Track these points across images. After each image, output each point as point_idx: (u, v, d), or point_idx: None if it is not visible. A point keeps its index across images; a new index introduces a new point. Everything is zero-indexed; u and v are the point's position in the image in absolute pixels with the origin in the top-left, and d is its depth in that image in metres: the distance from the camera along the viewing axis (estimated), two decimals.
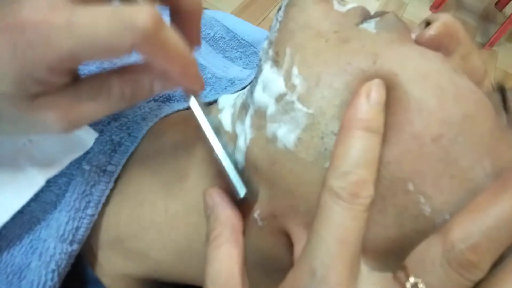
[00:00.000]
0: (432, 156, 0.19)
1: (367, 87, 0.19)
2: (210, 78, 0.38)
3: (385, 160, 0.19)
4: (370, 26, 0.23)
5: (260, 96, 0.22)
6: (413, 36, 0.23)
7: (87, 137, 0.26)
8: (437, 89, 0.19)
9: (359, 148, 0.18)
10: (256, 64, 0.42)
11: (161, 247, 0.26)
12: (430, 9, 2.10)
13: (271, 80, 0.22)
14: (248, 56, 0.43)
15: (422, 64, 0.20)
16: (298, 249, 0.21)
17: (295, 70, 0.21)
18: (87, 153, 0.26)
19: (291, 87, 0.21)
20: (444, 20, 0.23)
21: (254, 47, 0.43)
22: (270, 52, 0.23)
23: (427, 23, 0.23)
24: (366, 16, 0.24)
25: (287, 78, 0.21)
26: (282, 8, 0.24)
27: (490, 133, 0.19)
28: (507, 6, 2.23)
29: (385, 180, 0.19)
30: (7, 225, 0.24)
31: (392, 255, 0.20)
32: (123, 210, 0.26)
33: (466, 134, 0.19)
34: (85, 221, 0.25)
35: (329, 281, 0.17)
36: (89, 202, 0.25)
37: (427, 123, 0.19)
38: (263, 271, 0.24)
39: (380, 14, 0.24)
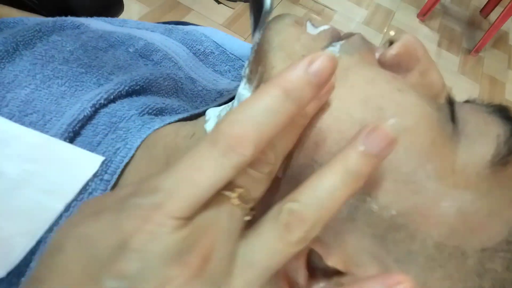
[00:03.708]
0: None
1: (315, 56, 0.18)
2: (200, 90, 0.41)
3: (318, 163, 0.22)
4: (335, 49, 0.25)
5: None
6: (377, 55, 0.26)
7: (93, 162, 0.28)
8: (377, 110, 0.22)
9: (263, 105, 0.17)
10: None
11: None
12: (418, 16, 2.15)
13: (243, 96, 0.24)
14: (237, 69, 0.45)
15: (366, 89, 0.23)
16: None
17: None
18: None
19: None
20: (404, 40, 0.25)
21: (242, 61, 0.46)
22: (246, 71, 0.25)
23: (391, 43, 0.26)
24: (334, 38, 0.26)
25: None
26: (261, 32, 0.26)
27: (432, 142, 0.22)
28: (491, 13, 2.29)
29: None
30: None
31: None
32: None
33: (406, 145, 0.22)
34: None
35: (163, 207, 0.16)
36: None
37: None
38: None
39: (347, 36, 0.26)
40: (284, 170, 0.23)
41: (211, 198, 0.17)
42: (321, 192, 0.18)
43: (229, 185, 0.18)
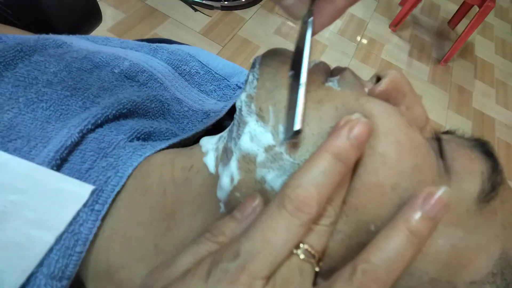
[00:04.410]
0: (390, 202, 0.22)
1: (353, 122, 0.21)
2: (187, 111, 0.41)
3: (353, 207, 0.22)
4: (334, 84, 0.26)
5: (248, 145, 0.24)
6: (366, 90, 0.27)
7: (83, 191, 0.27)
8: (396, 143, 0.23)
9: (320, 169, 0.20)
10: (230, 97, 0.45)
11: None
12: (390, 27, 2.21)
13: (260, 133, 0.24)
14: (222, 89, 0.45)
15: (384, 121, 0.23)
16: None
17: (281, 128, 0.24)
18: None
19: (279, 140, 0.24)
20: (391, 76, 0.26)
21: (228, 81, 0.46)
22: (253, 107, 0.25)
23: (378, 78, 0.27)
24: (327, 72, 0.27)
25: (275, 133, 0.24)
26: (257, 66, 0.27)
27: (432, 181, 0.23)
28: (459, 24, 2.39)
29: (352, 223, 0.23)
30: None
31: None
32: (112, 246, 0.28)
33: (414, 182, 0.23)
34: (74, 258, 0.26)
35: (247, 269, 0.19)
36: (77, 240, 0.26)
37: (388, 174, 0.22)
38: None
39: (338, 71, 0.27)
40: None
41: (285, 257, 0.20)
42: (390, 253, 0.19)
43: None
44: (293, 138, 0.23)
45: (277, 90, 0.25)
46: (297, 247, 0.20)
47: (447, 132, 0.29)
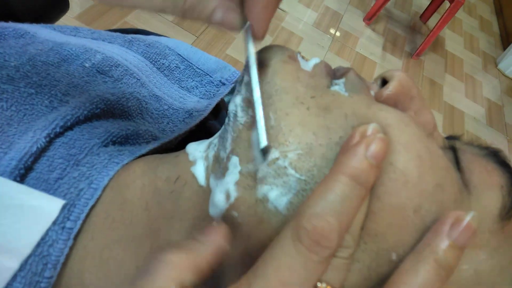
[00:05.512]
0: (413, 227, 0.20)
1: (369, 139, 0.19)
2: (166, 109, 0.37)
3: (373, 233, 0.20)
4: (340, 88, 0.23)
5: None
6: (372, 93, 0.24)
7: (52, 207, 0.24)
8: (417, 158, 0.20)
9: (338, 194, 0.18)
10: (213, 94, 0.42)
11: None
12: (364, 20, 2.22)
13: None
14: (204, 85, 0.42)
15: (403, 133, 0.21)
16: None
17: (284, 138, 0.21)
18: None
19: (282, 152, 0.21)
20: (399, 79, 0.24)
21: (210, 76, 0.43)
22: (251, 113, 0.22)
23: (383, 80, 0.25)
24: (330, 74, 0.25)
25: (278, 144, 0.21)
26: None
27: (454, 199, 0.21)
28: (430, 19, 2.43)
29: (372, 252, 0.20)
30: None
31: None
32: (87, 268, 0.24)
33: (438, 202, 0.20)
34: (42, 285, 0.23)
35: None
36: (46, 264, 0.23)
37: (410, 194, 0.20)
38: None
39: (342, 72, 0.25)
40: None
41: None
42: None
43: None
44: (266, 157, 0.21)
45: (278, 96, 0.22)
46: (315, 286, 0.18)
47: (451, 137, 0.27)
